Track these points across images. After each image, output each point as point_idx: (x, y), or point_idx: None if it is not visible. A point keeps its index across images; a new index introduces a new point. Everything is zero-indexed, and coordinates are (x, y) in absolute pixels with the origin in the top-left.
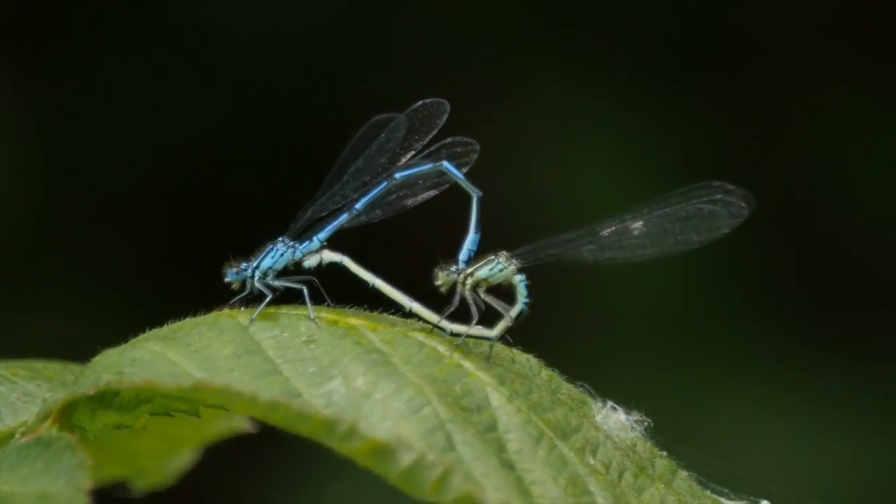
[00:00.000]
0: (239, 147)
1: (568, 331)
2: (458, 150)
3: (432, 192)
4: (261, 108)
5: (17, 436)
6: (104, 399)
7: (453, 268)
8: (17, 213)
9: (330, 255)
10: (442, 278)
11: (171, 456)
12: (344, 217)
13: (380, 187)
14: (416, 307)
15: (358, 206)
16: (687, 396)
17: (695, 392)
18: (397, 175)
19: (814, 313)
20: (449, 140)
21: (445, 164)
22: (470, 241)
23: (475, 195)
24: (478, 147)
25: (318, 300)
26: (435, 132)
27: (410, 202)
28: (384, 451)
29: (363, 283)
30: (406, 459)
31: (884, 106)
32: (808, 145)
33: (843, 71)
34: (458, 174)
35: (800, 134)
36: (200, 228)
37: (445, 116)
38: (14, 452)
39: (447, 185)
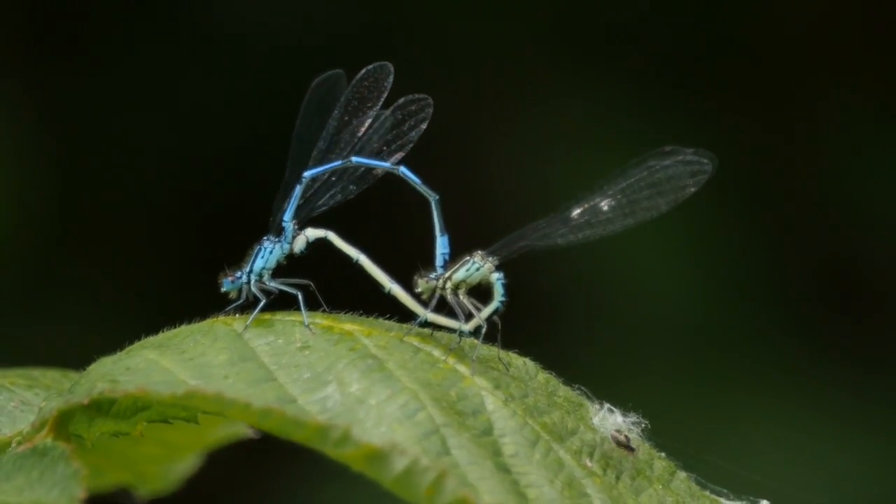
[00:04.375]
0: (250, 156)
1: (564, 334)
2: (413, 108)
3: (399, 155)
4: (274, 118)
5: (14, 445)
6: (101, 407)
7: (432, 274)
8: (18, 225)
9: (314, 232)
10: (422, 286)
11: (173, 462)
12: (298, 189)
13: (333, 164)
14: (396, 289)
15: (306, 175)
16: (687, 401)
17: (694, 396)
18: (353, 159)
19: (820, 318)
20: (402, 100)
21: (402, 168)
22: (440, 244)
23: (433, 199)
24: (431, 101)
25: (313, 305)
26: (385, 95)
27: (380, 172)
28: (378, 457)
29: (347, 258)
30: (400, 464)
31: (893, 111)
32: (824, 152)
33: (852, 75)
34: (414, 179)
35: (817, 141)
36: (208, 237)
37: (391, 77)
38: (10, 462)
39: (412, 144)
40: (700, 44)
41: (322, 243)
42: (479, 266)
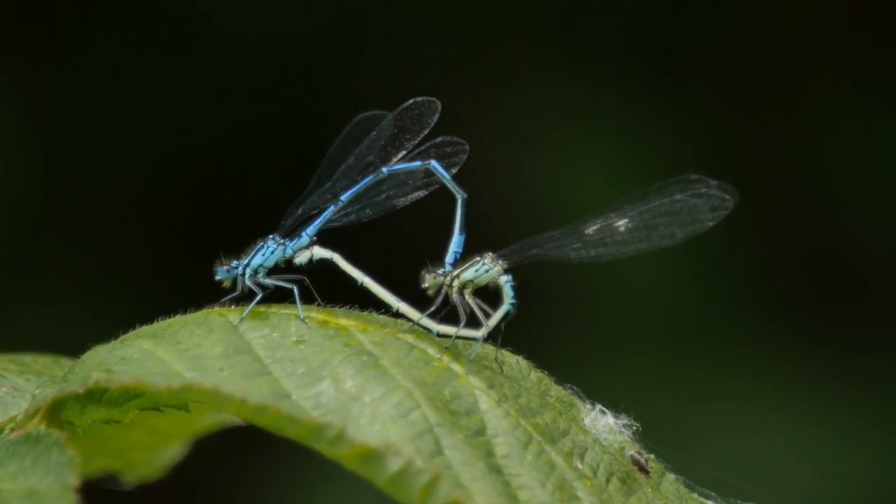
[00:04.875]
0: (240, 146)
1: (558, 330)
2: (448, 150)
3: (421, 193)
4: (263, 109)
5: (7, 431)
6: (93, 395)
7: (440, 270)
8: (10, 210)
9: (321, 252)
10: (429, 281)
11: (161, 449)
12: (330, 210)
13: (366, 180)
14: (404, 307)
15: (343, 197)
16: (677, 397)
17: (685, 393)
18: (385, 169)
19: (809, 314)
20: (439, 139)
21: (433, 163)
22: (455, 242)
23: (460, 197)
24: (467, 147)
25: (308, 300)
26: (426, 132)
27: (400, 202)
28: (372, 457)
29: (352, 280)
30: (394, 465)
31: (885, 105)
32: (810, 143)
33: (845, 70)
34: (444, 174)
35: (801, 131)
36: (199, 225)
37: (437, 116)
38: (3, 448)
39: (436, 186)
40: (686, 29)
41: (325, 264)
42: (488, 268)
